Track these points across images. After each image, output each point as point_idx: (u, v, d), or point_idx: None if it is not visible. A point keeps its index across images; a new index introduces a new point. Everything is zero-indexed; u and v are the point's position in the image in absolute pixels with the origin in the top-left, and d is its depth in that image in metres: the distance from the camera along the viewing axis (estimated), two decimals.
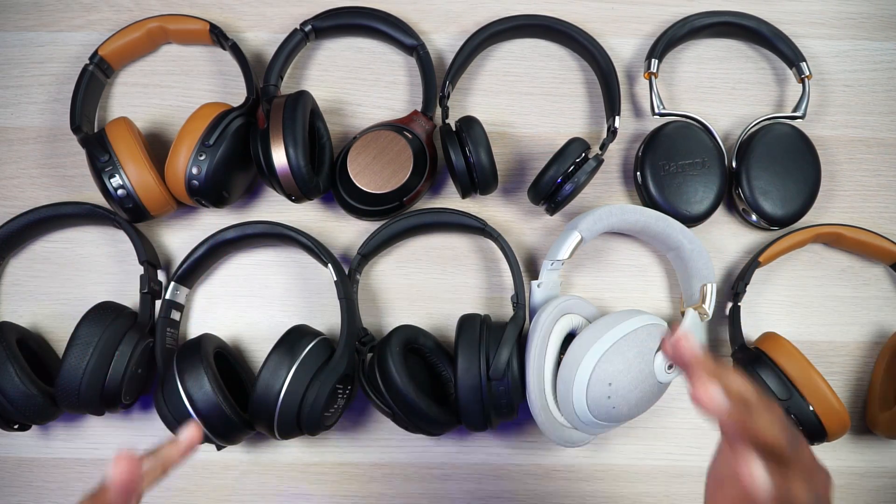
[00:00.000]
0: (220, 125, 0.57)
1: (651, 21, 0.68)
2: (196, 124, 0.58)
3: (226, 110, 0.59)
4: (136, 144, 0.58)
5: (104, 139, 0.58)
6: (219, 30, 0.64)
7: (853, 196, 0.65)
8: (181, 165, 0.57)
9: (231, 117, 0.58)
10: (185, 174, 0.57)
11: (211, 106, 0.59)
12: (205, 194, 0.57)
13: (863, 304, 0.63)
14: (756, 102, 0.67)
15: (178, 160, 0.57)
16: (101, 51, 0.63)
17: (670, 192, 0.61)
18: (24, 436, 0.60)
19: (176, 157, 0.57)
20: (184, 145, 0.57)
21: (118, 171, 0.57)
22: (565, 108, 0.66)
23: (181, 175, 0.57)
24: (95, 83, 0.64)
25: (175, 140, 0.58)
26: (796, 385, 0.54)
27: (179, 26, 0.64)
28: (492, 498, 0.60)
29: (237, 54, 0.63)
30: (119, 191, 0.57)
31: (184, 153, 0.57)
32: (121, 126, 0.59)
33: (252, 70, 0.63)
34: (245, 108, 0.60)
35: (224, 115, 0.58)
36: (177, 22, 0.64)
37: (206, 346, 0.55)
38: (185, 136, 0.57)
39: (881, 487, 0.60)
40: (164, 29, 0.64)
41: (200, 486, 0.60)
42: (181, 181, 0.57)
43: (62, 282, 0.63)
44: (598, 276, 0.63)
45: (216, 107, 0.59)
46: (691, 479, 0.61)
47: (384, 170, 0.59)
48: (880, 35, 0.68)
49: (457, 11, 0.68)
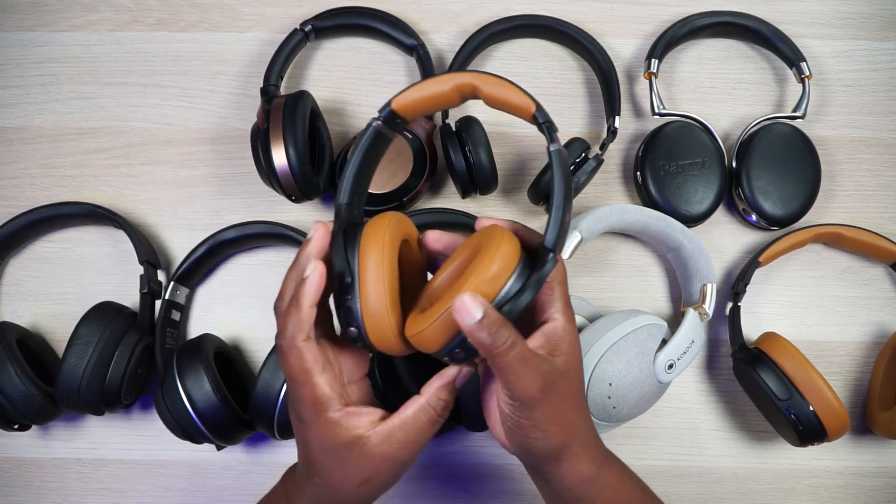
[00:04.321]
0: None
1: (651, 21, 0.68)
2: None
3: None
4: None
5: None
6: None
7: (853, 196, 0.65)
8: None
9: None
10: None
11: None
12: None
13: (863, 304, 0.63)
14: (756, 102, 0.67)
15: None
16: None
17: (670, 192, 0.61)
18: (24, 436, 0.60)
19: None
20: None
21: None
22: (565, 108, 0.66)
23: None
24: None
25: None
26: (796, 385, 0.54)
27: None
28: (492, 498, 0.60)
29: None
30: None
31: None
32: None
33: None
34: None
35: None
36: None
37: (206, 346, 0.55)
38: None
39: (881, 487, 0.60)
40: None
41: (200, 486, 0.60)
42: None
43: (62, 282, 0.63)
44: (598, 276, 0.63)
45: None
46: (691, 479, 0.61)
47: (384, 170, 0.59)
48: (880, 35, 0.68)
49: (457, 11, 0.68)
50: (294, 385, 0.40)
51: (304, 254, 0.40)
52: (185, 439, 0.54)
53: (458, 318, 0.36)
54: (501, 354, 0.36)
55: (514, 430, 0.40)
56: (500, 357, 0.36)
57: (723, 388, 0.62)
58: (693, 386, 0.62)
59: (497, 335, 0.36)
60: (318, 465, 0.41)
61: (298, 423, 0.41)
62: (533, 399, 0.38)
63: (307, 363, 0.39)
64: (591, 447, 0.43)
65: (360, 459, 0.40)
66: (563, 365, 0.39)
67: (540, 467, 0.42)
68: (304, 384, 0.39)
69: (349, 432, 0.39)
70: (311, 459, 0.41)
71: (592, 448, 0.43)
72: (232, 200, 0.64)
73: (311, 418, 0.40)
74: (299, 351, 0.38)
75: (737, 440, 0.61)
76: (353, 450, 0.39)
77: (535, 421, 0.39)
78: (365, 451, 0.39)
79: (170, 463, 0.60)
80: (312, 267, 0.38)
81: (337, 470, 0.40)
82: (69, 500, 0.60)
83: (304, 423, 0.40)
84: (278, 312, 0.40)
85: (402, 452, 0.40)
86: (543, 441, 0.39)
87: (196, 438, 0.54)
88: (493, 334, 0.35)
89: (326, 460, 0.40)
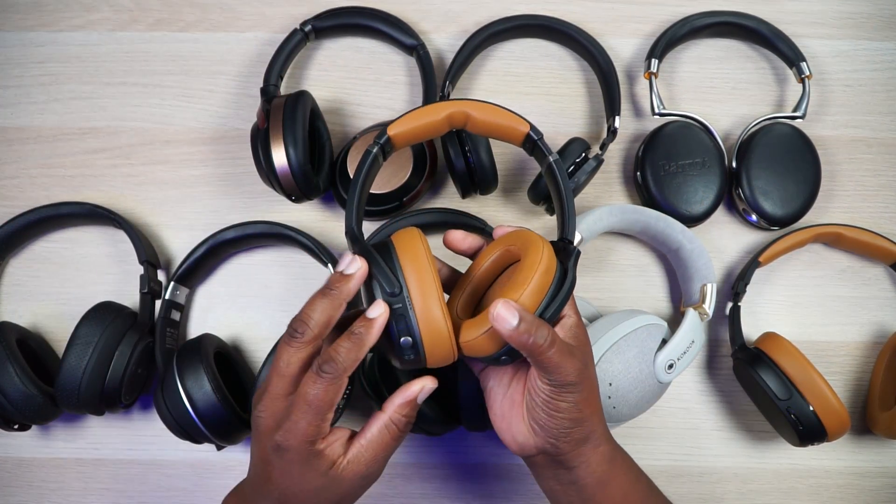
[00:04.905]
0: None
1: (651, 21, 0.68)
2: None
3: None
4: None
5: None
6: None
7: (853, 196, 0.65)
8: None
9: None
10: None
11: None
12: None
13: (863, 304, 0.63)
14: (756, 102, 0.67)
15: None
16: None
17: (670, 192, 0.61)
18: (24, 436, 0.60)
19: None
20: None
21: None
22: (565, 108, 0.66)
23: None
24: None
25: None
26: (796, 385, 0.54)
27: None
28: (492, 498, 0.60)
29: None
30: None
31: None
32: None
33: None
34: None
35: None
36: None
37: (206, 346, 0.55)
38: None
39: (881, 487, 0.60)
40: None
41: (200, 486, 0.60)
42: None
43: (62, 282, 0.63)
44: (598, 276, 0.63)
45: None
46: (691, 479, 0.61)
47: (384, 170, 0.59)
48: (880, 35, 0.68)
49: (457, 11, 0.68)
50: (302, 415, 0.39)
51: (347, 287, 0.40)
52: (185, 439, 0.54)
53: (497, 326, 0.38)
54: (543, 351, 0.39)
55: (551, 417, 0.42)
56: (542, 354, 0.39)
57: (723, 388, 0.62)
58: (693, 386, 0.62)
59: (537, 336, 0.39)
60: (291, 492, 0.41)
61: (274, 451, 0.40)
62: (573, 384, 0.41)
63: (336, 396, 0.40)
64: (607, 430, 0.46)
65: (333, 483, 0.41)
66: (585, 355, 0.43)
67: (565, 456, 0.43)
68: (316, 416, 0.39)
69: (327, 460, 0.40)
70: (283, 488, 0.41)
71: (607, 430, 0.46)
72: (232, 200, 0.64)
73: (299, 447, 0.40)
74: (342, 384, 0.39)
75: (737, 440, 0.61)
76: (328, 475, 0.41)
77: (575, 402, 0.42)
78: (338, 475, 0.41)
79: (170, 463, 0.60)
80: (379, 309, 0.39)
81: (312, 497, 0.41)
82: (69, 500, 0.60)
83: (284, 451, 0.40)
84: (303, 335, 0.40)
85: (369, 468, 0.42)
86: (578, 424, 0.42)
87: (196, 438, 0.54)
88: (533, 335, 0.39)
89: (301, 487, 0.41)
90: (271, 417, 0.40)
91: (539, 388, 0.42)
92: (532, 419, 0.43)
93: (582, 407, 0.42)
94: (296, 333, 0.40)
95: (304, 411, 0.39)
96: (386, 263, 0.40)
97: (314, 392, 0.39)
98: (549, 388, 0.41)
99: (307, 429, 0.39)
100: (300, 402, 0.39)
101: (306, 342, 0.40)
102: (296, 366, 0.40)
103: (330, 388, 0.39)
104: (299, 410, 0.39)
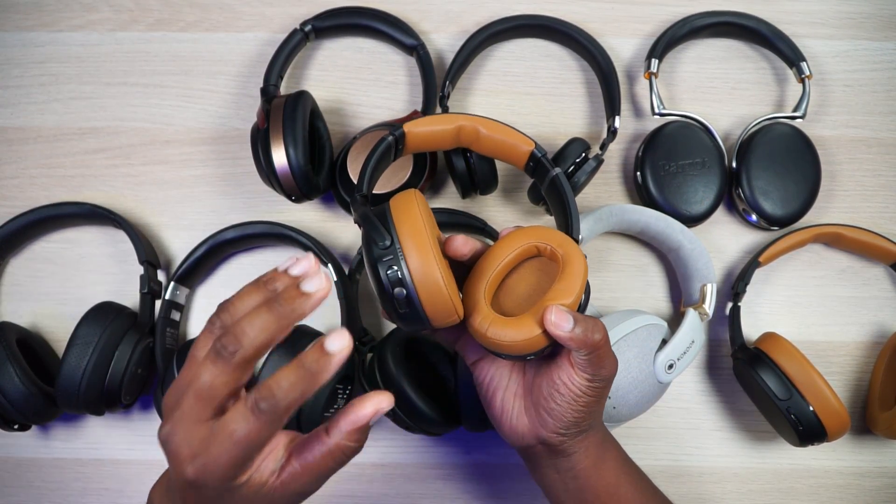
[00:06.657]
0: None
1: (651, 21, 0.68)
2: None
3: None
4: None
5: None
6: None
7: (853, 196, 0.65)
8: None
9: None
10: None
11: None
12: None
13: (863, 304, 0.63)
14: (756, 102, 0.67)
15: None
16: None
17: (670, 192, 0.61)
18: (24, 436, 0.60)
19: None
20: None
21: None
22: (565, 108, 0.66)
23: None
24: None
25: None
26: (796, 385, 0.54)
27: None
28: (492, 498, 0.60)
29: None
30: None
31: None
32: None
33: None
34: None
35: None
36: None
37: None
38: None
39: (881, 487, 0.60)
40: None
41: None
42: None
43: (62, 282, 0.63)
44: (598, 276, 0.63)
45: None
46: (691, 479, 0.61)
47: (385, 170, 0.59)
48: (880, 35, 0.68)
49: (457, 11, 0.68)
50: (223, 451, 0.32)
51: (303, 306, 0.33)
52: None
53: (553, 331, 0.39)
54: (600, 346, 0.41)
55: (573, 409, 0.42)
56: (598, 349, 0.41)
57: (723, 388, 0.62)
58: (693, 386, 0.62)
59: (594, 332, 0.40)
60: None
61: (189, 485, 0.33)
62: (612, 375, 0.43)
63: (271, 437, 0.33)
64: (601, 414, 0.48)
65: (263, 500, 0.35)
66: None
67: (567, 443, 0.44)
68: (243, 455, 0.33)
69: (253, 485, 0.35)
70: None
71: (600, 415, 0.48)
72: (232, 200, 0.64)
73: (217, 485, 0.33)
74: (279, 425, 0.32)
75: (737, 440, 0.61)
76: (257, 494, 0.35)
77: (603, 395, 0.43)
78: (267, 494, 0.35)
79: None
80: (341, 341, 0.33)
81: None
82: (69, 500, 0.60)
83: (200, 487, 0.33)
84: (233, 355, 0.32)
85: (306, 488, 0.37)
86: (592, 415, 0.44)
87: None
88: (591, 333, 0.40)
89: None
90: (185, 444, 0.33)
91: (573, 382, 0.42)
92: (543, 411, 0.43)
93: (604, 399, 0.44)
94: (224, 351, 0.32)
95: (226, 448, 0.32)
96: (380, 221, 0.40)
97: (244, 430, 0.32)
98: (586, 383, 0.42)
99: (228, 467, 0.32)
100: (223, 438, 0.32)
101: (236, 365, 0.32)
102: (220, 390, 0.32)
103: (264, 429, 0.32)
104: (221, 446, 0.32)
